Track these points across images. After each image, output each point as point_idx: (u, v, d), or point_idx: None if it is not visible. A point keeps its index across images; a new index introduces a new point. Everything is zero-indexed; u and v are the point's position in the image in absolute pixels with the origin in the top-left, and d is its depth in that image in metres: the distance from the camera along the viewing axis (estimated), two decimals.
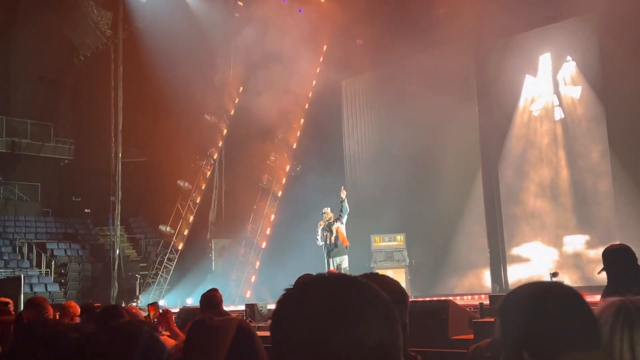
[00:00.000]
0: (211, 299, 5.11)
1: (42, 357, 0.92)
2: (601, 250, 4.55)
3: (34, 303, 5.21)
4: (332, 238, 12.09)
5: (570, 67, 15.20)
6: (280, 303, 1.07)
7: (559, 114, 15.41)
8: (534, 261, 15.41)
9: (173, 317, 5.46)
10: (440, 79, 16.15)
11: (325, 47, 19.87)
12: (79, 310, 5.64)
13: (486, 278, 16.02)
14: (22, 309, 8.08)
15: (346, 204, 12.19)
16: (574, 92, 15.16)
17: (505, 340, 1.57)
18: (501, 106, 16.26)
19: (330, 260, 12.17)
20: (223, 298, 5.24)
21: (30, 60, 24.45)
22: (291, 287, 1.09)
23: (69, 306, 5.75)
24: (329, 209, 12.41)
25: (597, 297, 9.70)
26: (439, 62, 16.34)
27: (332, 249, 12.14)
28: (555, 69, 15.46)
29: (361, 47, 17.97)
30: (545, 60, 15.61)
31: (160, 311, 5.48)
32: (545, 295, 1.59)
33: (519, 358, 1.50)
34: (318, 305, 1.02)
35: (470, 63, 16.75)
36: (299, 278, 1.13)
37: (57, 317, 5.65)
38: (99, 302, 5.92)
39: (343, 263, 12.15)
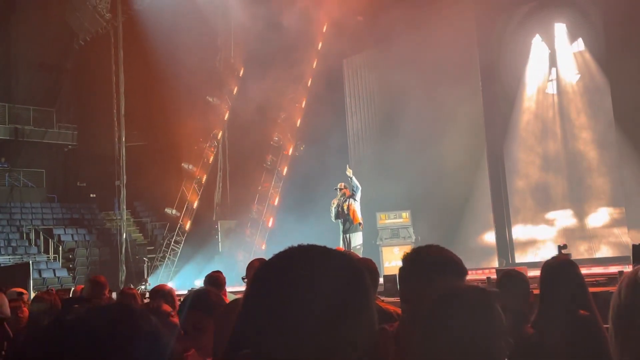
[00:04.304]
0: (215, 279, 5.24)
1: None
2: (608, 221, 4.55)
3: (95, 281, 5.32)
4: (345, 215, 12.14)
5: (573, 39, 15.06)
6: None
7: (563, 87, 15.30)
8: (539, 234, 15.41)
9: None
10: (443, 53, 16.01)
11: (325, 25, 19.71)
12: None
13: (492, 252, 16.04)
14: (31, 295, 8.14)
15: (355, 181, 12.19)
16: (578, 64, 15.04)
17: None
18: (505, 80, 16.15)
19: (345, 236, 12.24)
20: (230, 279, 5.31)
21: (30, 46, 24.39)
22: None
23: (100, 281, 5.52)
24: (343, 184, 12.39)
25: (599, 270, 9.68)
26: (441, 37, 16.18)
27: (346, 226, 12.19)
28: (558, 41, 15.32)
29: (362, 24, 17.81)
30: (548, 32, 15.47)
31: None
32: None
33: None
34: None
35: (473, 37, 16.62)
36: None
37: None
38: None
39: (354, 240, 12.17)
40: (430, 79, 15.90)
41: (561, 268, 3.59)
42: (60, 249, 22.02)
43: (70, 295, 7.80)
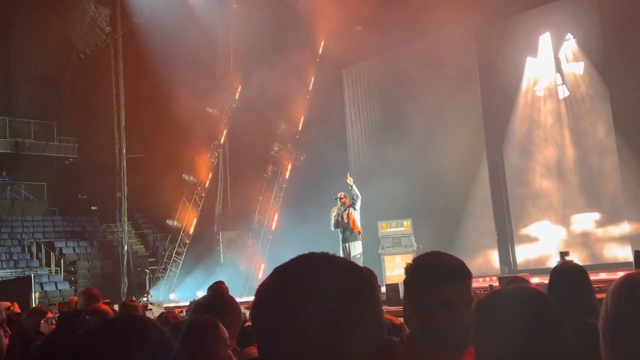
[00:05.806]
0: (218, 290, 5.24)
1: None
2: (609, 227, 4.52)
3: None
4: (345, 224, 12.10)
5: (571, 45, 15.10)
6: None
7: (562, 93, 15.32)
8: (541, 241, 15.39)
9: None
10: (442, 61, 16.04)
11: (324, 36, 19.78)
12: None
13: (494, 260, 16.01)
14: (32, 307, 8.13)
15: (356, 189, 12.16)
16: (577, 70, 15.07)
17: None
18: (504, 87, 16.19)
19: (344, 245, 12.21)
20: (232, 289, 5.31)
21: (30, 60, 24.44)
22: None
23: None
24: (343, 193, 12.37)
25: (601, 276, 9.66)
26: (439, 45, 16.22)
27: (346, 235, 12.16)
28: (557, 47, 15.35)
29: (361, 34, 17.86)
30: (546, 39, 15.50)
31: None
32: None
33: None
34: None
35: (471, 44, 16.65)
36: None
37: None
38: (108, 299, 5.91)
39: (354, 250, 12.13)
40: (430, 86, 15.92)
41: (573, 274, 3.48)
42: (62, 262, 21.99)
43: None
